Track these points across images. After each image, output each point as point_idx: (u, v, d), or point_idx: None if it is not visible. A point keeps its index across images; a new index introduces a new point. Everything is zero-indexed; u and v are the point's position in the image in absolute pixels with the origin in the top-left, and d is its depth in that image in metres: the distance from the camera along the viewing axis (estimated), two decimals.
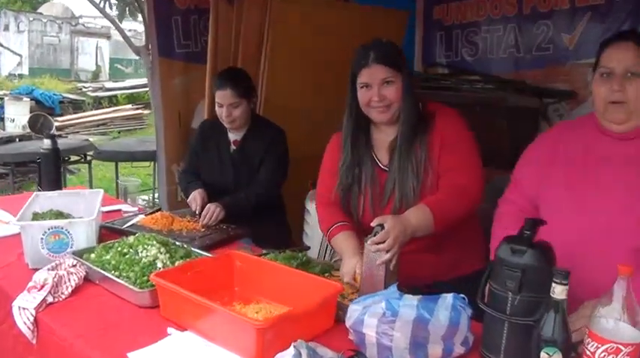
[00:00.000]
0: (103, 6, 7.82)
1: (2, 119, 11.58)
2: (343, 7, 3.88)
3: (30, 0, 21.01)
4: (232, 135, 2.81)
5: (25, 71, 18.37)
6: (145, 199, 6.05)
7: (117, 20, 8.32)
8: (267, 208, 2.73)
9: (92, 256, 1.93)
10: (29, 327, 1.64)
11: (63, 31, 20.27)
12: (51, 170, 2.76)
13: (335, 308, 1.60)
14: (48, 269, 1.84)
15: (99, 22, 20.04)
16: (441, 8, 4.24)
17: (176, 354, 1.45)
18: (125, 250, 1.88)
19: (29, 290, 1.73)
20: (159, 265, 1.81)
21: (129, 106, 14.47)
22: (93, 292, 1.82)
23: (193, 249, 2.01)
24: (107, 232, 2.39)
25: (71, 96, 14.37)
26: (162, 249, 1.86)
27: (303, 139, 3.14)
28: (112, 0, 7.76)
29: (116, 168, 6.15)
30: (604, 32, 3.44)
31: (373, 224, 1.72)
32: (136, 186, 3.03)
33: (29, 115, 10.91)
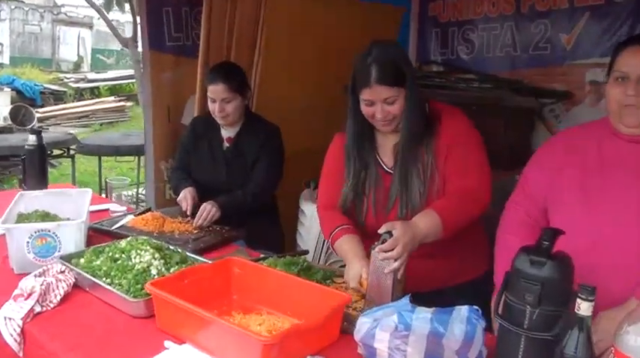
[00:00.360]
0: None
1: None
2: (339, 3, 3.80)
3: None
4: (225, 132, 2.73)
5: (6, 60, 18.02)
6: (129, 195, 5.95)
7: (104, 10, 8.15)
8: (260, 208, 2.65)
9: (81, 261, 1.83)
10: (16, 339, 1.54)
11: (45, 20, 19.93)
12: (36, 168, 2.63)
13: (341, 320, 1.52)
14: (35, 275, 1.74)
15: (81, 12, 19.74)
16: (437, 5, 4.17)
17: None
18: (117, 255, 1.78)
19: (15, 298, 1.63)
20: (153, 272, 1.72)
21: (111, 98, 14.25)
22: (83, 300, 1.72)
23: (189, 255, 1.92)
24: (95, 234, 2.29)
25: (52, 86, 14.11)
26: (156, 255, 1.76)
27: (297, 136, 3.08)
28: None
29: (99, 162, 6.02)
30: (603, 33, 3.41)
31: (381, 231, 1.65)
32: (125, 185, 2.93)
33: (10, 106, 10.67)
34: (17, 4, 19.34)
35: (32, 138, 2.66)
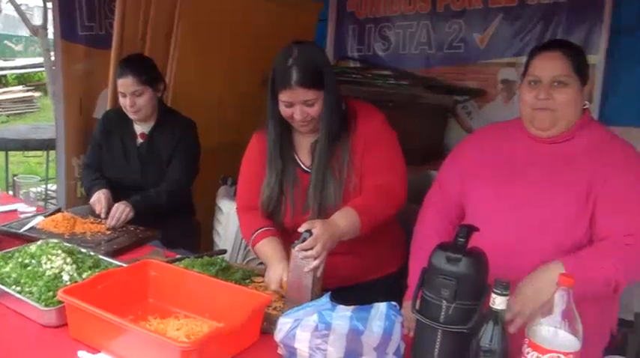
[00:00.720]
0: None
1: None
2: None
3: None
4: (139, 127, 2.64)
5: None
6: (37, 191, 5.64)
7: None
8: (176, 206, 2.58)
9: None
10: None
11: None
12: None
13: (262, 320, 1.51)
14: None
15: None
16: (355, 1, 4.20)
17: None
18: (27, 261, 1.68)
19: None
20: (65, 278, 1.63)
21: (19, 88, 13.42)
22: None
23: (102, 258, 1.84)
24: (2, 237, 2.15)
25: None
26: (68, 260, 1.67)
27: (212, 131, 3.03)
28: None
29: (6, 157, 5.67)
30: (515, 34, 3.57)
31: (301, 229, 1.65)
32: (34, 183, 2.77)
33: None
34: None
35: None
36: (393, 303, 1.44)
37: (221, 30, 3.32)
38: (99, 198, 2.43)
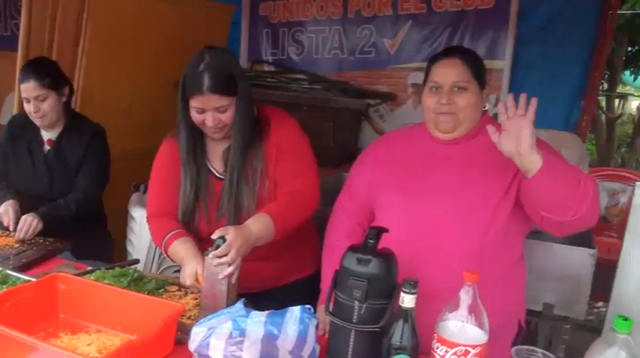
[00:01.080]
0: None
1: None
2: (167, 0, 3.71)
3: None
4: (46, 133, 2.53)
5: None
6: None
7: None
8: (86, 216, 2.49)
9: None
10: None
11: None
12: None
13: (176, 330, 1.48)
14: None
15: None
16: (268, 5, 4.22)
17: None
18: None
19: None
20: None
21: None
22: None
23: (10, 273, 1.75)
24: None
25: None
26: None
27: (124, 137, 2.95)
28: None
29: None
30: (424, 39, 3.71)
31: (214, 236, 1.64)
32: None
33: None
34: None
35: None
36: (307, 306, 1.46)
37: (132, 33, 3.24)
38: (6, 210, 2.31)
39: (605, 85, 6.96)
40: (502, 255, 1.73)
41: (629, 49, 6.70)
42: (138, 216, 2.67)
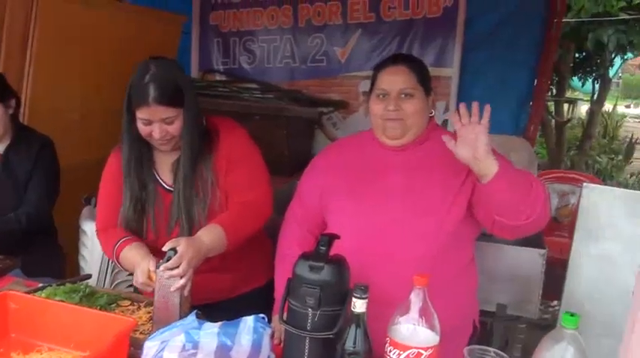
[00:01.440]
0: None
1: None
2: (116, 7, 3.65)
3: None
4: None
5: None
6: None
7: None
8: (36, 231, 2.43)
9: None
10: None
11: None
12: None
13: (128, 345, 1.46)
14: None
15: None
16: (218, 15, 4.20)
17: None
18: None
19: None
20: None
21: None
22: None
23: None
24: None
25: None
26: None
27: (75, 148, 2.88)
28: None
29: None
30: (373, 48, 3.77)
31: (165, 248, 1.62)
32: None
33: None
34: None
35: None
36: (261, 316, 1.46)
37: (82, 43, 3.18)
38: None
39: (553, 91, 7.19)
40: (453, 259, 1.76)
41: (576, 56, 6.94)
42: (89, 230, 2.62)
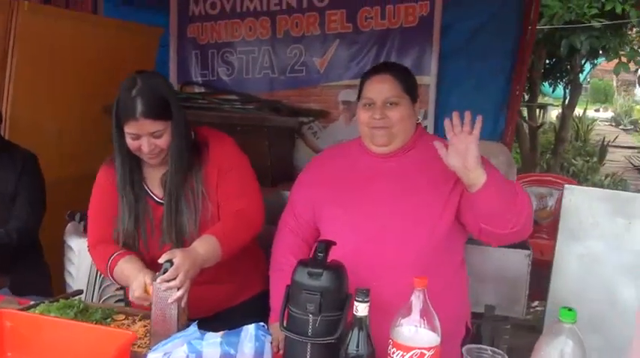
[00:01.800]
0: None
1: None
2: (93, 21, 3.64)
3: None
4: None
5: None
6: None
7: None
8: (24, 247, 2.40)
9: None
10: None
11: None
12: None
13: None
14: None
15: None
16: (195, 27, 4.19)
17: None
18: None
19: None
20: None
21: None
22: None
23: None
24: None
25: None
26: None
27: (54, 164, 2.86)
28: None
29: None
30: (351, 58, 3.81)
31: (161, 260, 1.63)
32: None
33: None
34: None
35: None
36: (261, 324, 1.47)
37: (60, 58, 3.18)
38: None
39: (525, 96, 7.35)
40: (445, 263, 1.79)
41: (547, 62, 7.11)
42: (76, 246, 2.59)
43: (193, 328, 1.44)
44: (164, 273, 1.60)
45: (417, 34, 3.68)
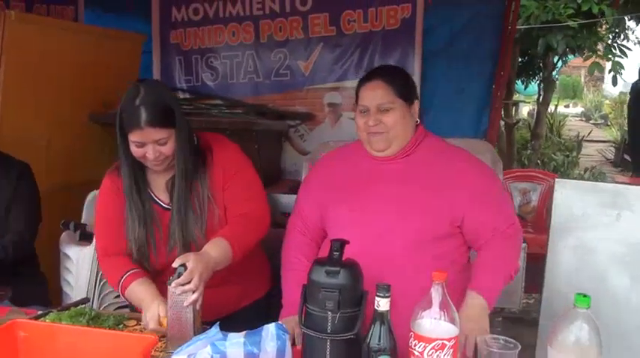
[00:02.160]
0: None
1: None
2: (79, 29, 3.62)
3: None
4: None
5: None
6: None
7: None
8: (21, 259, 2.38)
9: None
10: None
11: None
12: None
13: None
14: None
15: None
16: (178, 33, 4.19)
17: None
18: None
19: None
20: None
21: None
22: None
23: None
24: None
25: None
26: None
27: (42, 174, 2.82)
28: None
29: None
30: (335, 60, 3.86)
31: (175, 264, 1.64)
32: None
33: None
34: None
35: None
36: (280, 323, 1.50)
37: (46, 67, 3.15)
38: None
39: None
40: (452, 262, 1.81)
41: (520, 60, 7.27)
42: (73, 255, 2.58)
43: (215, 329, 1.46)
44: (178, 277, 1.62)
45: (400, 37, 3.75)
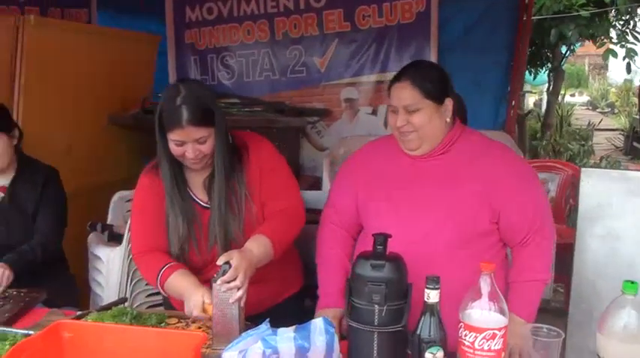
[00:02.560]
0: None
1: None
2: (95, 31, 3.64)
3: None
4: None
5: None
6: None
7: None
8: (50, 261, 2.40)
9: None
10: None
11: None
12: None
13: None
14: None
15: None
16: (193, 33, 4.21)
17: None
18: None
19: None
20: None
21: None
22: None
23: (6, 330, 1.66)
24: None
25: None
26: None
27: (65, 178, 2.85)
28: None
29: None
30: (351, 56, 3.88)
31: (219, 262, 1.66)
32: None
33: None
34: None
35: None
36: (326, 317, 1.51)
37: (65, 70, 3.18)
38: None
39: None
40: (492, 259, 1.81)
41: (528, 50, 7.28)
42: (104, 256, 2.60)
43: (265, 325, 1.47)
44: (223, 275, 1.63)
45: (415, 30, 3.76)
